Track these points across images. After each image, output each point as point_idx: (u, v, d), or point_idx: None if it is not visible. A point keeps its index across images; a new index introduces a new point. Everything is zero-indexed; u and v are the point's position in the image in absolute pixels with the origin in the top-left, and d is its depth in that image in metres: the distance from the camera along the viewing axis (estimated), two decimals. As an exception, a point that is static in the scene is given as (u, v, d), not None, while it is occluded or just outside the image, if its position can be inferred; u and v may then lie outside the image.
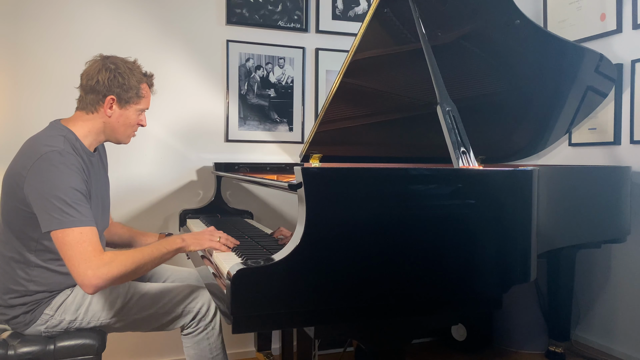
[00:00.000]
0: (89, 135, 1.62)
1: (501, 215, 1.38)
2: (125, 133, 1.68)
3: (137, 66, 1.66)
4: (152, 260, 1.50)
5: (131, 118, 1.65)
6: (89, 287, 1.39)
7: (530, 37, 2.02)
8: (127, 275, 1.43)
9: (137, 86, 1.62)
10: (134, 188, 2.53)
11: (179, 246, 1.57)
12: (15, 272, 1.56)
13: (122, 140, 1.70)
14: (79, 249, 1.39)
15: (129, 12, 2.50)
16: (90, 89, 1.58)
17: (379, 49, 1.87)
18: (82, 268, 1.38)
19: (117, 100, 1.60)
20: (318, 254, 1.19)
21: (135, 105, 1.64)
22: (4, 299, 1.57)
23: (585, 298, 2.86)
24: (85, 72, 1.61)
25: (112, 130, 1.64)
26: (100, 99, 1.59)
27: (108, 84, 1.57)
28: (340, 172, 1.23)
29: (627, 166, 2.41)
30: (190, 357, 1.71)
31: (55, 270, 1.57)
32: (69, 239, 1.40)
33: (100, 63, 1.60)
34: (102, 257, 1.41)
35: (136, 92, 1.63)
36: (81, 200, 1.45)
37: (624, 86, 2.64)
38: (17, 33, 2.34)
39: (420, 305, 1.31)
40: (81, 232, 1.41)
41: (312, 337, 1.28)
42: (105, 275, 1.39)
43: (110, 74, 1.57)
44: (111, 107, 1.60)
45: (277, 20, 2.73)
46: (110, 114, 1.61)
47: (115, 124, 1.63)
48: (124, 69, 1.60)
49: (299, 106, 2.79)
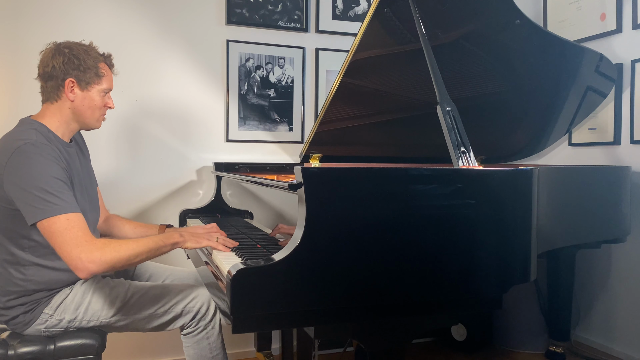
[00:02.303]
0: (60, 125, 1.61)
1: (501, 215, 1.38)
2: (93, 116, 1.64)
3: (93, 47, 1.63)
4: (147, 250, 1.48)
5: (95, 99, 1.62)
6: (83, 271, 1.38)
7: (531, 37, 2.02)
8: (121, 261, 1.42)
9: (94, 65, 1.60)
10: (134, 188, 2.53)
11: (176, 241, 1.57)
12: (10, 274, 1.55)
13: (92, 125, 1.66)
14: (69, 235, 1.38)
15: (129, 12, 2.50)
16: (48, 76, 1.57)
17: (379, 49, 1.87)
18: (75, 253, 1.37)
19: (77, 83, 1.58)
20: (318, 254, 1.19)
21: (97, 86, 1.61)
22: (3, 301, 1.56)
23: (585, 298, 2.86)
24: (40, 60, 1.59)
25: (80, 114, 1.61)
26: (59, 84, 1.57)
27: (64, 67, 1.55)
28: (340, 172, 1.23)
29: (627, 166, 2.41)
30: (190, 356, 1.70)
31: (50, 267, 1.56)
32: (57, 227, 1.39)
33: (54, 48, 1.58)
34: (95, 242, 1.40)
35: (95, 72, 1.60)
36: (62, 188, 1.44)
37: (624, 86, 2.64)
38: (17, 33, 2.34)
39: (420, 305, 1.31)
40: (67, 219, 1.40)
41: (312, 337, 1.28)
42: (99, 259, 1.38)
43: (64, 57, 1.55)
44: (72, 91, 1.58)
45: (277, 20, 2.73)
46: (73, 97, 1.59)
47: (81, 107, 1.60)
48: (78, 50, 1.58)
49: (299, 106, 2.79)
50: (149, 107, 2.54)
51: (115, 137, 2.49)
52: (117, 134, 2.49)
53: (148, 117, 2.54)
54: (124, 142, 2.51)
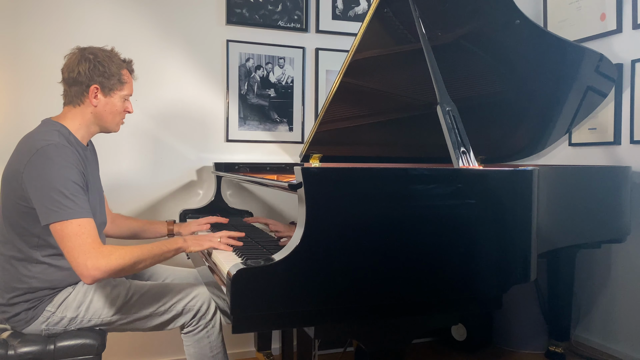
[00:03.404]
0: (80, 128, 1.65)
1: (501, 215, 1.38)
2: (114, 121, 1.70)
3: (115, 53, 1.68)
4: (151, 256, 1.51)
5: (117, 105, 1.68)
6: (87, 277, 1.41)
7: (531, 37, 2.02)
8: (126, 268, 1.45)
9: (118, 73, 1.65)
10: (134, 188, 2.53)
11: (180, 246, 1.59)
12: (17, 270, 1.57)
13: (112, 129, 1.72)
14: (78, 241, 1.41)
15: (129, 12, 2.50)
16: (72, 81, 1.61)
17: (379, 49, 1.87)
18: (82, 259, 1.40)
19: (100, 89, 1.63)
20: (318, 254, 1.19)
21: (119, 92, 1.67)
22: (6, 298, 1.58)
23: (585, 298, 2.86)
24: (65, 65, 1.64)
25: (101, 119, 1.67)
26: (84, 89, 1.61)
27: (89, 73, 1.60)
28: (340, 172, 1.24)
29: (627, 166, 2.41)
30: (191, 355, 1.71)
31: (57, 266, 1.58)
32: (68, 231, 1.42)
33: (79, 54, 1.62)
34: (102, 250, 1.43)
35: (118, 79, 1.65)
36: (78, 192, 1.47)
37: (624, 86, 2.64)
38: (17, 33, 2.34)
39: (420, 305, 1.31)
40: (79, 224, 1.43)
41: (312, 337, 1.28)
42: (104, 267, 1.40)
43: (90, 64, 1.60)
44: (96, 97, 1.63)
45: (277, 20, 2.73)
46: (96, 103, 1.64)
47: (103, 112, 1.66)
48: (103, 57, 1.63)
49: (299, 106, 2.79)
50: (149, 107, 2.54)
51: (115, 137, 2.48)
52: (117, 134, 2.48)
53: (148, 117, 2.54)
54: (123, 142, 2.51)
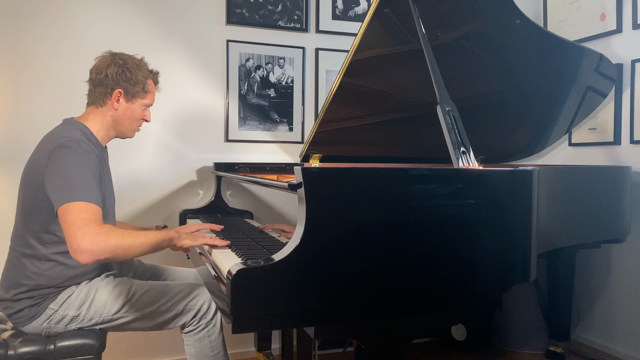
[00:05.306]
0: (101, 129, 1.70)
1: (501, 215, 1.38)
2: (130, 127, 1.76)
3: (144, 63, 1.75)
4: (147, 242, 1.48)
5: (137, 112, 1.73)
6: (84, 252, 1.34)
7: (531, 37, 2.02)
8: (122, 248, 1.40)
9: (143, 81, 1.71)
10: (133, 188, 2.53)
11: (172, 236, 1.58)
12: (25, 267, 1.58)
13: (128, 134, 1.78)
14: (82, 215, 1.39)
15: (129, 13, 2.50)
16: (99, 82, 1.67)
17: (379, 49, 1.87)
18: (80, 233, 1.35)
19: (124, 94, 1.68)
20: (318, 254, 1.19)
21: (141, 100, 1.73)
22: (12, 294, 1.59)
23: (585, 298, 2.86)
24: (95, 66, 1.69)
25: (119, 123, 1.72)
26: (108, 92, 1.67)
27: (116, 77, 1.66)
28: (340, 172, 1.23)
29: (627, 166, 2.41)
30: (191, 355, 1.71)
31: (65, 264, 1.60)
32: (73, 207, 1.40)
33: (110, 58, 1.69)
34: (102, 226, 1.40)
35: (142, 87, 1.71)
36: (91, 180, 1.48)
37: (624, 86, 2.64)
38: (18, 33, 2.34)
39: (420, 305, 1.31)
40: (86, 205, 1.42)
41: (312, 337, 1.28)
42: (103, 243, 1.35)
43: (118, 69, 1.66)
44: (118, 100, 1.68)
45: (277, 20, 2.73)
46: (117, 107, 1.69)
47: (122, 117, 1.71)
48: (132, 64, 1.69)
49: (299, 106, 2.79)
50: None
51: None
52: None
53: (148, 117, 2.54)
54: (124, 142, 2.51)
